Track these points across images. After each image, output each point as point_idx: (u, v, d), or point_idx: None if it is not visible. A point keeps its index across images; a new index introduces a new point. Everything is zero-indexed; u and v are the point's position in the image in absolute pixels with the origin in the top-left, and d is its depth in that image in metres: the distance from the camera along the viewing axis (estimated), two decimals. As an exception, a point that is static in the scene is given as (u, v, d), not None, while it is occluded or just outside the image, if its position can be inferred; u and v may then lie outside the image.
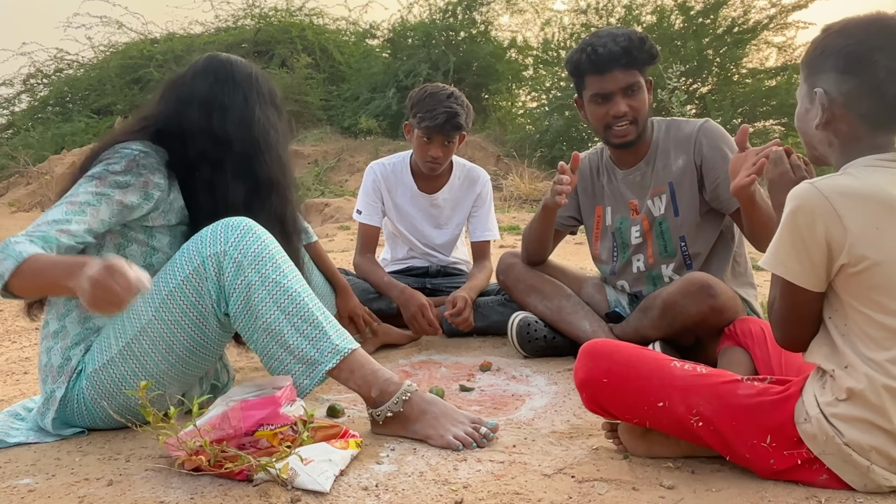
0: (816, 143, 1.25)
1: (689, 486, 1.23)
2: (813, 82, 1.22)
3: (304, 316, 1.44)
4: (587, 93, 1.94)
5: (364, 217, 2.55)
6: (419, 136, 2.39)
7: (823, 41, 1.22)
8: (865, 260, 1.11)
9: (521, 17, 10.62)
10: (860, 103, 1.17)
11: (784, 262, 1.15)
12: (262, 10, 11.65)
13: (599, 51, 1.87)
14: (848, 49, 1.17)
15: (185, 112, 1.60)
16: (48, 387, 1.52)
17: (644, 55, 1.88)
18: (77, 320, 1.53)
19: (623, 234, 2.06)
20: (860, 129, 1.18)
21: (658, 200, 1.98)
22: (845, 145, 1.20)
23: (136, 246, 1.56)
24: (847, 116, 1.18)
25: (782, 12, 8.27)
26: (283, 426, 1.29)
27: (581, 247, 4.36)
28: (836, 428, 1.13)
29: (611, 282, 2.14)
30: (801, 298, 1.17)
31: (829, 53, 1.20)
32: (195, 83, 1.63)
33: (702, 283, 1.76)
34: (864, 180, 1.14)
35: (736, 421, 1.21)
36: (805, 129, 1.26)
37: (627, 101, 1.90)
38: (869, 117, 1.17)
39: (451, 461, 1.35)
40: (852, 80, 1.16)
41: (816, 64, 1.22)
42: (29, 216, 7.56)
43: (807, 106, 1.25)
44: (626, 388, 1.31)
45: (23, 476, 1.34)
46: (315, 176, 8.72)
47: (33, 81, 11.86)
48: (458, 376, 2.02)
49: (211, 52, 1.70)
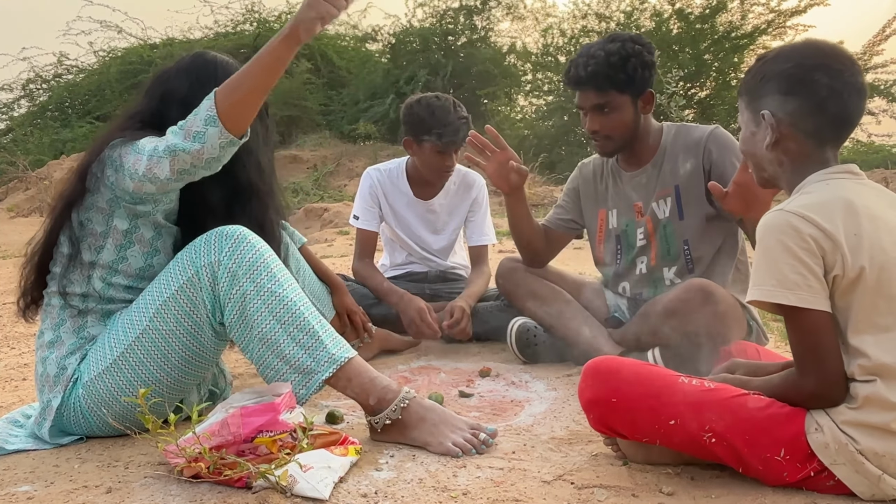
0: (766, 164, 1.30)
1: (689, 492, 1.23)
2: (756, 107, 1.28)
3: (299, 325, 1.43)
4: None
5: (361, 222, 2.55)
6: (432, 150, 2.39)
7: (762, 68, 1.28)
8: (856, 267, 1.13)
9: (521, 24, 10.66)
10: (805, 121, 1.23)
11: (787, 288, 1.14)
12: (262, 15, 11.68)
13: (571, 71, 1.93)
14: (788, 72, 1.24)
15: (165, 110, 1.55)
16: (44, 396, 1.52)
17: (621, 76, 1.87)
18: (72, 330, 1.53)
19: (628, 236, 2.06)
20: (807, 145, 1.24)
21: (663, 203, 1.98)
22: (795, 163, 1.26)
23: (137, 247, 1.55)
24: (794, 135, 1.24)
25: (780, 17, 8.31)
26: (282, 433, 1.28)
27: (580, 252, 4.36)
28: (850, 436, 1.13)
29: (613, 284, 2.14)
30: (817, 322, 1.14)
31: (769, 78, 1.26)
32: (178, 80, 1.59)
33: (702, 290, 1.76)
34: (824, 194, 1.19)
35: (749, 435, 1.19)
36: (753, 151, 1.31)
37: (599, 120, 1.93)
38: (815, 134, 1.24)
39: (450, 468, 1.35)
40: (795, 100, 1.23)
41: (757, 89, 1.28)
42: (28, 221, 7.57)
43: (752, 129, 1.30)
44: (635, 406, 1.27)
45: (21, 483, 1.34)
46: (314, 181, 8.73)
47: (33, 86, 11.88)
48: (457, 382, 2.02)
49: (199, 50, 1.66)
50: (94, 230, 1.51)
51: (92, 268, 1.52)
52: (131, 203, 1.50)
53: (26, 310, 1.58)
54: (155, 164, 1.39)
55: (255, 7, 11.73)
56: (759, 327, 1.95)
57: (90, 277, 1.52)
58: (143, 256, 1.56)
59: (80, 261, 1.51)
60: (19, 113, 11.94)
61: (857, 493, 1.15)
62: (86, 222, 1.51)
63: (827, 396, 1.16)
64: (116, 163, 1.46)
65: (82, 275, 1.52)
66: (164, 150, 1.38)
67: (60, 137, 10.40)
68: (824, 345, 1.15)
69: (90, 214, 1.51)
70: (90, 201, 1.50)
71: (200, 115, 1.36)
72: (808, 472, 1.17)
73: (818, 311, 1.14)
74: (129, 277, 1.56)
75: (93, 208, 1.51)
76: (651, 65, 1.92)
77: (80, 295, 1.53)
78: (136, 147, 1.44)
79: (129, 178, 1.43)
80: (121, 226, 1.52)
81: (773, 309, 1.19)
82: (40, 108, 11.83)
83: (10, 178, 9.31)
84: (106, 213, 1.51)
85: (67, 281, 1.52)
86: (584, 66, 1.89)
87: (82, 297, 1.53)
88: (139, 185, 1.44)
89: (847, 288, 1.14)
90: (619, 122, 1.93)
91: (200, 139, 1.36)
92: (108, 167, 1.48)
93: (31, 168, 9.18)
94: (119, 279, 1.55)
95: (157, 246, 1.57)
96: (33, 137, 10.74)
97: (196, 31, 12.17)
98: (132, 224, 1.53)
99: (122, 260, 1.54)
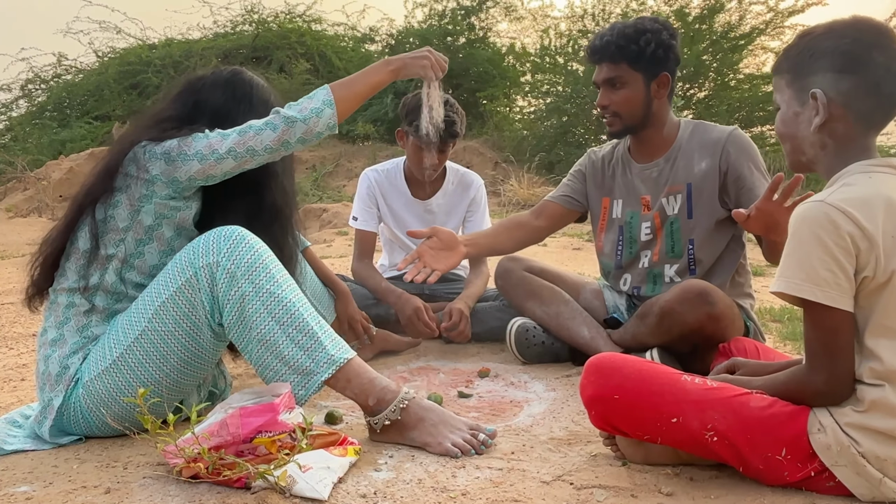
0: (807, 146, 1.23)
1: (688, 492, 1.23)
2: (803, 85, 1.21)
3: (298, 326, 1.43)
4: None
5: (360, 223, 2.56)
6: (414, 144, 2.40)
7: (810, 43, 1.21)
8: (888, 270, 1.09)
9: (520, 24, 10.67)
10: (860, 102, 1.17)
11: (816, 284, 1.10)
12: (261, 15, 11.68)
13: (593, 42, 1.97)
14: (844, 48, 1.17)
15: (197, 117, 1.63)
16: (46, 395, 1.52)
17: (633, 47, 1.89)
18: (75, 329, 1.53)
19: (633, 228, 2.05)
20: (856, 128, 1.18)
21: (673, 199, 1.97)
22: (839, 147, 1.20)
23: (156, 244, 1.58)
24: (845, 116, 1.18)
25: (778, 17, 8.32)
26: (281, 433, 1.29)
27: (578, 252, 4.35)
28: (853, 438, 1.13)
29: (614, 278, 2.12)
30: (839, 321, 1.12)
31: (821, 54, 1.19)
32: (213, 92, 1.66)
33: (700, 291, 1.76)
34: (867, 189, 1.13)
35: (751, 434, 1.19)
36: (794, 133, 1.24)
37: (609, 94, 1.94)
38: (866, 116, 1.18)
39: (449, 468, 1.35)
40: (851, 79, 1.16)
41: (805, 66, 1.21)
42: (26, 222, 7.55)
43: (795, 109, 1.23)
44: (638, 404, 1.27)
45: (20, 484, 1.34)
46: (313, 181, 8.73)
47: (31, 87, 11.87)
48: (456, 382, 2.02)
49: (237, 67, 1.74)
50: (116, 225, 1.54)
51: (108, 260, 1.54)
52: (167, 198, 1.55)
53: (31, 299, 1.59)
54: (252, 137, 1.52)
55: (255, 8, 11.73)
56: (757, 328, 1.95)
57: (105, 270, 1.54)
58: (159, 255, 1.58)
59: (96, 255, 1.53)
60: (18, 113, 11.93)
61: (857, 496, 1.15)
62: (109, 218, 1.54)
63: (833, 395, 1.15)
64: (170, 154, 1.52)
65: (97, 268, 1.54)
66: (282, 120, 1.53)
67: (59, 138, 10.38)
68: (840, 344, 1.12)
69: (116, 211, 1.54)
70: (118, 197, 1.54)
71: (318, 97, 1.58)
72: (809, 472, 1.17)
73: (842, 311, 1.11)
74: (141, 274, 1.58)
75: (120, 204, 1.54)
76: (668, 46, 1.91)
77: (89, 290, 1.53)
78: (206, 134, 1.54)
79: (199, 161, 1.52)
80: (145, 221, 1.55)
81: (795, 301, 1.15)
82: (39, 109, 11.82)
83: (9, 178, 9.30)
84: (134, 209, 1.55)
85: (78, 276, 1.53)
86: (601, 37, 1.94)
87: (91, 293, 1.54)
88: (210, 167, 1.52)
89: (874, 290, 1.11)
90: (628, 99, 1.93)
91: (317, 113, 1.56)
92: (153, 161, 1.53)
93: (30, 168, 9.17)
94: (132, 275, 1.57)
95: (173, 246, 1.59)
96: (32, 137, 10.73)
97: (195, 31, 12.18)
98: (156, 221, 1.56)
99: (138, 255, 1.57)
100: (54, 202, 7.92)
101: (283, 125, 1.53)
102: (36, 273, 1.58)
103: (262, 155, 1.54)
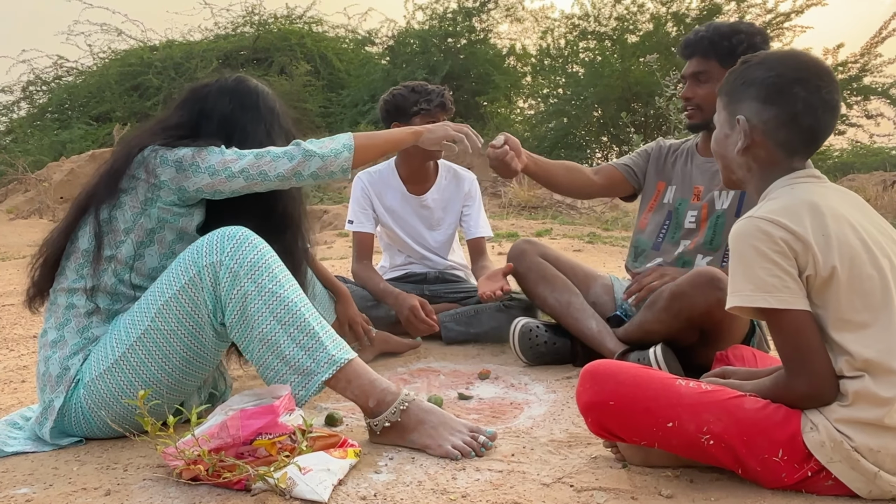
0: (735, 167, 1.33)
1: (688, 495, 1.23)
2: (733, 110, 1.30)
3: (300, 326, 1.43)
4: None
5: (356, 226, 2.58)
6: (424, 122, 2.39)
7: (744, 72, 1.29)
8: (828, 266, 1.15)
9: (521, 26, 10.69)
10: (778, 132, 1.26)
11: (766, 291, 1.15)
12: (262, 17, 11.70)
13: (687, 37, 2.03)
14: (769, 80, 1.25)
15: (203, 124, 1.64)
16: (46, 396, 1.52)
17: (724, 44, 1.94)
18: (75, 330, 1.54)
19: (680, 215, 2.09)
20: (777, 154, 1.27)
21: (725, 195, 2.01)
22: (763, 170, 1.29)
23: (156, 246, 1.58)
24: (766, 143, 1.27)
25: (777, 18, 8.32)
26: (281, 435, 1.29)
27: (580, 254, 4.36)
28: (844, 433, 1.14)
29: (646, 257, 2.13)
30: (799, 322, 1.15)
31: (749, 84, 1.27)
32: (219, 100, 1.67)
33: (711, 276, 1.78)
34: (790, 198, 1.21)
35: (747, 436, 1.20)
36: (724, 153, 1.33)
37: (694, 88, 2.00)
38: (786, 145, 1.26)
39: (449, 470, 1.35)
40: (772, 110, 1.25)
41: (737, 93, 1.30)
42: (27, 223, 7.56)
43: (726, 131, 1.32)
44: (633, 409, 1.27)
45: (20, 486, 1.34)
46: (313, 182, 8.73)
47: (33, 89, 11.89)
48: (456, 384, 2.02)
49: (240, 75, 1.75)
50: (117, 227, 1.55)
51: (108, 262, 1.55)
52: (171, 204, 1.56)
53: (32, 300, 1.59)
54: (267, 162, 1.56)
55: (256, 10, 11.75)
56: (762, 334, 1.96)
57: (104, 271, 1.54)
58: (159, 257, 1.58)
59: (97, 256, 1.54)
60: (19, 115, 11.95)
61: (855, 491, 1.16)
62: (112, 219, 1.55)
63: (819, 395, 1.17)
64: (182, 163, 1.54)
65: (96, 269, 1.54)
66: (300, 152, 1.58)
67: (60, 139, 10.40)
68: (809, 344, 1.16)
69: (119, 212, 1.55)
70: (122, 199, 1.55)
71: (340, 140, 1.64)
72: (806, 472, 1.18)
73: (799, 311, 1.15)
74: (140, 276, 1.58)
75: (124, 206, 1.55)
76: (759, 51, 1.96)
77: (89, 290, 1.53)
78: (221, 150, 1.57)
79: (210, 175, 1.54)
80: (147, 224, 1.56)
81: (755, 314, 1.20)
82: (40, 110, 11.85)
83: (10, 179, 9.31)
84: (137, 211, 1.55)
85: (78, 276, 1.54)
86: (696, 32, 2.00)
87: (91, 294, 1.54)
88: (220, 182, 1.54)
89: (821, 287, 1.16)
90: (712, 95, 1.95)
91: (336, 154, 1.61)
92: (163, 167, 1.54)
93: (31, 170, 9.18)
94: (131, 277, 1.57)
95: (174, 249, 1.60)
96: (33, 139, 10.75)
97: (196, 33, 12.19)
98: (158, 224, 1.57)
99: (138, 257, 1.57)
100: (55, 204, 7.93)
101: (301, 157, 1.57)
102: (36, 274, 1.59)
103: (273, 181, 1.57)
